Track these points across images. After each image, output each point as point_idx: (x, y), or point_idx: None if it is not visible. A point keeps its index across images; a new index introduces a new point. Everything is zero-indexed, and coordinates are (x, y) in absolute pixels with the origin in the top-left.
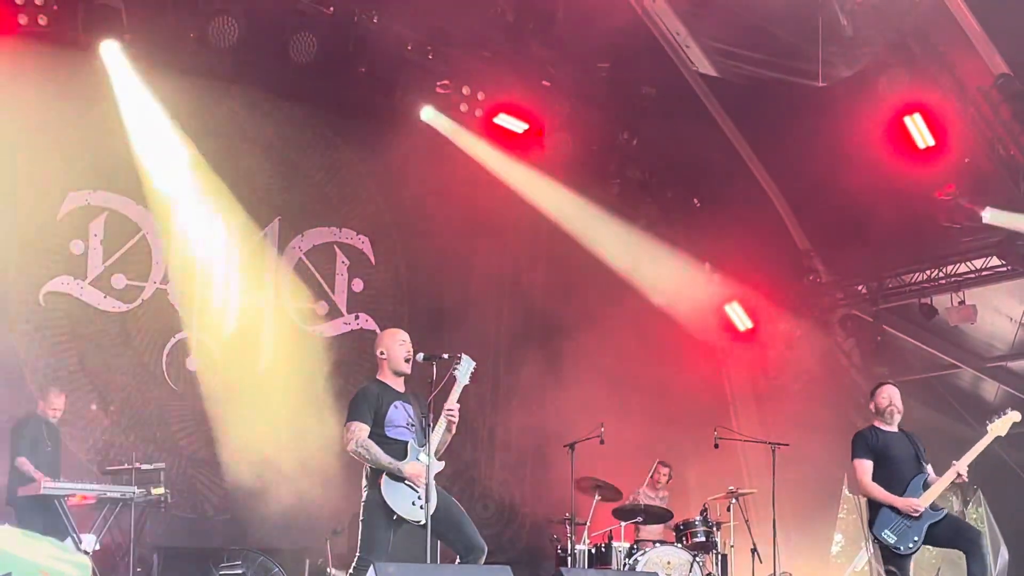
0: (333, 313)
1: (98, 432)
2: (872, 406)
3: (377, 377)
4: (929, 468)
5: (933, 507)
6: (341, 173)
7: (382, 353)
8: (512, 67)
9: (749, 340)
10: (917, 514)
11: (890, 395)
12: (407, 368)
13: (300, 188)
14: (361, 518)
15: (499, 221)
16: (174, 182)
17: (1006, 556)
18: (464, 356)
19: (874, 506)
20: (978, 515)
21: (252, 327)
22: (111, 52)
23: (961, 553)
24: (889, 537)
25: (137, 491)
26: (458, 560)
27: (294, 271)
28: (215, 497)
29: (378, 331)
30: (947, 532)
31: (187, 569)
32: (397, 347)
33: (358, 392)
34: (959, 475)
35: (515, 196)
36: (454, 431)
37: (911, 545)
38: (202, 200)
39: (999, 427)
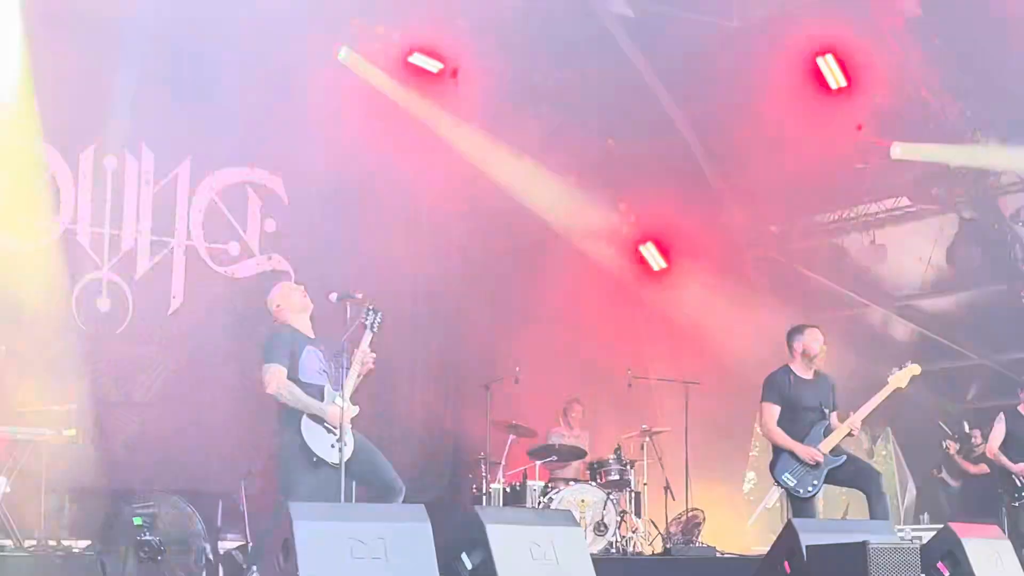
0: (245, 253)
1: (5, 374)
2: (799, 347)
3: (285, 322)
4: (833, 417)
5: (834, 453)
6: (254, 113)
7: (278, 305)
8: (427, 5)
9: (663, 280)
10: (815, 462)
11: (820, 341)
12: (310, 303)
13: (212, 127)
14: (280, 462)
15: (416, 161)
16: (81, 121)
17: (913, 491)
18: (373, 308)
19: (776, 450)
20: (887, 452)
21: (163, 267)
22: None
23: None
24: (789, 480)
25: (48, 432)
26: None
27: (205, 211)
28: (127, 438)
29: (291, 272)
30: (847, 473)
31: (98, 510)
32: (290, 291)
33: (273, 335)
34: (852, 429)
35: (432, 136)
36: (364, 374)
37: (810, 489)
38: (110, 139)
39: (899, 379)
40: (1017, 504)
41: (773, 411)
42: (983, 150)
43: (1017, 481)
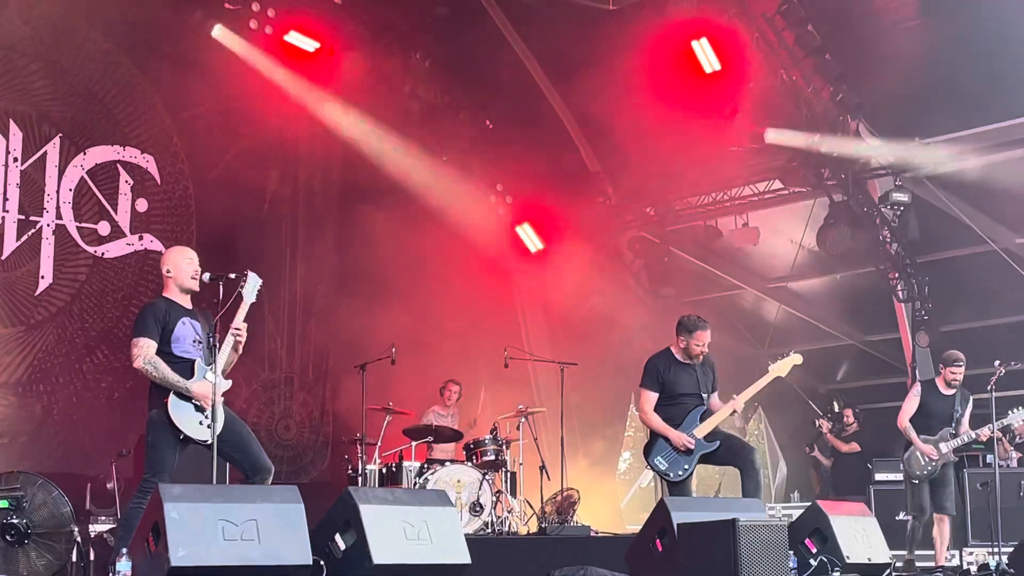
0: (116, 233)
1: None
2: (682, 343)
3: (163, 294)
4: (714, 397)
5: (708, 438)
6: (126, 90)
7: (168, 271)
8: None
9: (540, 261)
10: (687, 449)
11: (704, 343)
12: (195, 285)
13: (82, 105)
14: (146, 438)
15: (292, 141)
16: None
17: (784, 470)
18: (251, 273)
19: (653, 433)
20: (759, 431)
21: (31, 247)
22: None
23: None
24: (660, 464)
25: None
26: (244, 480)
27: (75, 190)
28: None
29: (164, 251)
30: (722, 452)
31: None
32: (184, 264)
33: (145, 308)
34: (735, 411)
35: (308, 116)
36: (240, 350)
37: (680, 473)
38: None
39: (780, 368)
40: (917, 481)
41: (650, 397)
42: (853, 136)
43: (922, 459)
